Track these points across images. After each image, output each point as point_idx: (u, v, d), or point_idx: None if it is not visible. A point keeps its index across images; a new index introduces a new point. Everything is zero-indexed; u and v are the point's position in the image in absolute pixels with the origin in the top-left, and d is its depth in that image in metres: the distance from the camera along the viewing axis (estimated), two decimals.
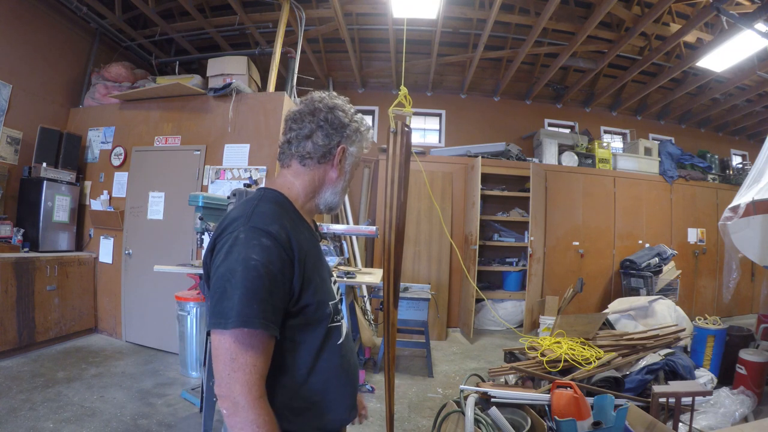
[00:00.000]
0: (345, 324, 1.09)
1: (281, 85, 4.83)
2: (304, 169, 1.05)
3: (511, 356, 3.38)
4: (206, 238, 2.88)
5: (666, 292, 5.42)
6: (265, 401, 0.84)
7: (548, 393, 2.46)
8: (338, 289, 1.14)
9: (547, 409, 2.44)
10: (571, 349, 3.03)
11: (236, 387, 0.80)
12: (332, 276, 1.13)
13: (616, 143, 7.55)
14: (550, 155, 6.39)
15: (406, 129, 2.07)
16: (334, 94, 1.11)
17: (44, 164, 4.30)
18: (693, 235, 6.69)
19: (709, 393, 2.71)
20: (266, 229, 0.87)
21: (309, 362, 0.95)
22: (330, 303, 0.99)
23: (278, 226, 0.89)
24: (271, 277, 0.84)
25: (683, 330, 3.50)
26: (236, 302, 0.81)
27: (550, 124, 7.39)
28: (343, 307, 3.38)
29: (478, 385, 2.72)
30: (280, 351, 0.91)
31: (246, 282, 0.82)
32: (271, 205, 0.96)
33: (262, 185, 1.16)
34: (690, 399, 2.42)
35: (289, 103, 4.41)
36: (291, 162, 1.06)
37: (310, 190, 1.06)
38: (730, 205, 3.24)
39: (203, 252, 0.98)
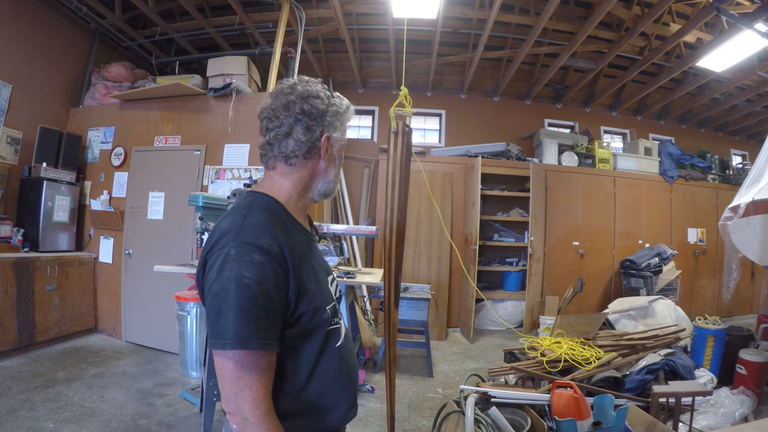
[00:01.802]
0: (344, 325, 1.07)
1: None
2: (291, 168, 1.00)
3: (511, 356, 3.38)
4: (206, 238, 2.87)
5: (666, 292, 5.42)
6: (273, 414, 0.85)
7: (548, 393, 2.46)
8: (337, 287, 1.13)
9: (547, 409, 2.44)
10: (571, 349, 3.03)
11: (244, 405, 0.81)
12: (331, 275, 1.12)
13: (616, 143, 7.55)
14: (550, 155, 6.39)
15: (407, 129, 2.07)
16: (305, 79, 1.03)
17: (44, 164, 4.30)
18: (693, 235, 6.69)
19: (709, 393, 2.71)
20: (257, 244, 0.85)
21: (309, 367, 0.94)
22: (327, 307, 0.97)
23: (269, 239, 0.87)
24: (265, 293, 0.83)
25: (683, 330, 3.50)
26: (232, 323, 0.80)
27: (550, 124, 7.40)
28: (343, 308, 3.38)
29: (478, 385, 2.71)
30: (281, 359, 0.90)
31: (240, 302, 0.80)
32: (260, 215, 0.92)
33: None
34: (690, 399, 2.42)
35: None
36: (276, 164, 1.00)
37: (302, 187, 1.02)
38: (730, 205, 3.24)
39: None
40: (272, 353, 0.85)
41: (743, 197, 3.16)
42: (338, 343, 1.01)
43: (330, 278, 1.09)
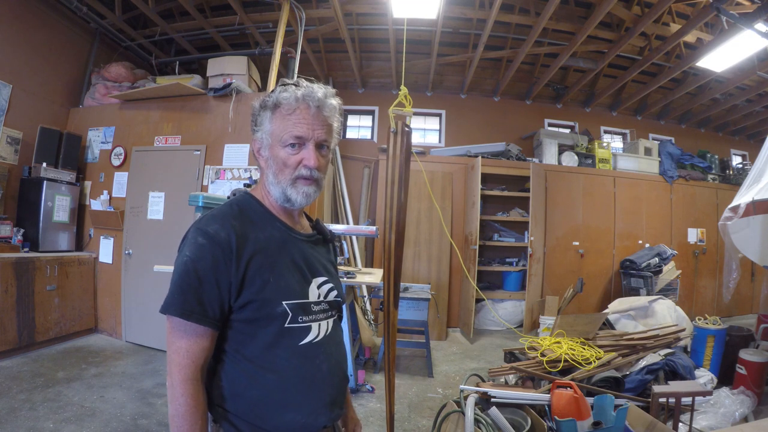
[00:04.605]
0: (322, 326, 1.04)
1: None
2: (260, 169, 1.10)
3: (511, 356, 3.38)
4: None
5: (666, 292, 5.42)
6: (193, 384, 0.90)
7: (548, 393, 2.46)
8: (329, 291, 1.09)
9: (547, 409, 2.44)
10: (571, 349, 3.03)
11: (172, 366, 0.91)
12: (323, 277, 1.08)
13: (616, 143, 7.55)
14: (550, 155, 6.39)
15: (407, 129, 2.07)
16: (279, 87, 1.01)
17: (44, 164, 4.30)
18: (693, 235, 6.69)
19: (709, 393, 2.71)
20: (204, 229, 0.93)
21: (263, 357, 0.95)
22: (285, 302, 0.96)
23: (218, 226, 0.94)
24: (198, 272, 0.91)
25: (683, 330, 3.50)
26: (169, 293, 0.92)
27: (550, 124, 7.39)
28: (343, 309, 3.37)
29: (478, 385, 2.72)
30: (236, 341, 0.96)
31: (177, 276, 0.92)
32: (227, 207, 1.01)
33: None
34: (690, 399, 2.42)
35: None
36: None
37: (265, 186, 1.06)
38: (730, 205, 3.23)
39: None
40: (200, 327, 0.91)
41: (743, 197, 3.15)
42: (302, 342, 0.98)
43: (321, 279, 1.07)
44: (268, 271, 0.96)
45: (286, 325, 0.96)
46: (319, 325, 1.03)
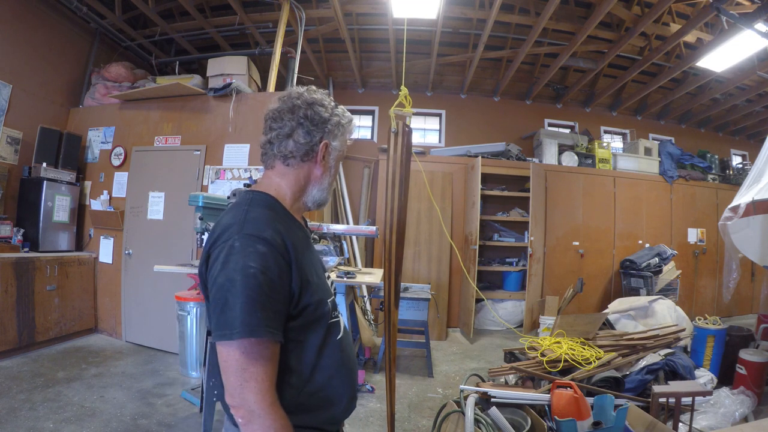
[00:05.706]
0: (342, 319, 1.10)
1: (281, 85, 4.83)
2: (288, 168, 1.03)
3: (511, 356, 3.38)
4: (208, 234, 2.88)
5: (666, 292, 5.42)
6: (278, 406, 0.85)
7: (548, 393, 2.46)
8: (332, 284, 1.16)
9: (547, 409, 2.44)
10: (571, 349, 3.03)
11: (250, 396, 0.81)
12: (326, 272, 1.14)
13: (616, 143, 7.55)
14: (550, 155, 6.39)
15: (407, 129, 2.07)
16: (314, 88, 1.08)
17: (44, 164, 4.30)
18: (693, 235, 6.69)
19: (709, 393, 2.71)
20: (261, 236, 0.87)
21: (313, 360, 0.96)
22: (328, 300, 1.00)
23: (272, 231, 0.89)
24: (269, 283, 0.84)
25: (683, 330, 3.50)
26: (239, 312, 0.81)
27: (550, 124, 7.40)
28: (342, 303, 3.39)
29: (478, 385, 2.72)
30: (285, 352, 0.91)
31: (246, 291, 0.81)
32: (262, 210, 0.95)
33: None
34: (690, 399, 2.42)
35: None
36: (274, 163, 1.04)
37: (297, 189, 1.04)
38: (730, 205, 3.24)
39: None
40: (276, 344, 0.86)
41: (743, 197, 3.15)
42: (339, 336, 1.03)
43: (326, 275, 1.13)
44: (313, 272, 0.97)
45: (329, 322, 0.99)
46: (341, 317, 1.09)
